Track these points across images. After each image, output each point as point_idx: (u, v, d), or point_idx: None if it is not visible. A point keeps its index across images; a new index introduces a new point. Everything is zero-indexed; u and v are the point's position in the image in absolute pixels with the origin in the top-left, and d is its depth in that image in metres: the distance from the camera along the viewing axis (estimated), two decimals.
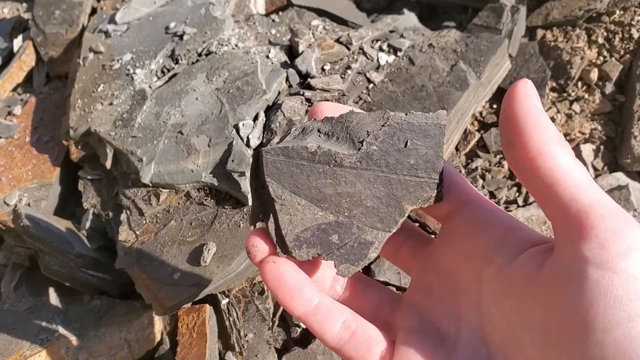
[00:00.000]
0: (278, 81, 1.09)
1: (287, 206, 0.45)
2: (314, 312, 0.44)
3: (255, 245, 0.46)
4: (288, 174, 0.45)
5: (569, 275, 0.34)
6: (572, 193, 0.36)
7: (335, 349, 0.45)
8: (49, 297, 1.08)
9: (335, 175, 0.44)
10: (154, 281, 0.96)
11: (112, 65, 1.25)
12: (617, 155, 1.14)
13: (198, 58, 1.19)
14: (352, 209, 0.44)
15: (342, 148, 0.44)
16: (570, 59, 1.20)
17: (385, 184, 0.44)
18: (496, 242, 0.42)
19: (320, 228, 0.45)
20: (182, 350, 0.99)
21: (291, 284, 0.44)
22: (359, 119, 0.45)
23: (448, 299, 0.45)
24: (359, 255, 0.45)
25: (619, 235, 0.34)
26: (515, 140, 0.39)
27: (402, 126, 0.43)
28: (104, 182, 1.17)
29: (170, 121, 1.08)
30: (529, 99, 0.39)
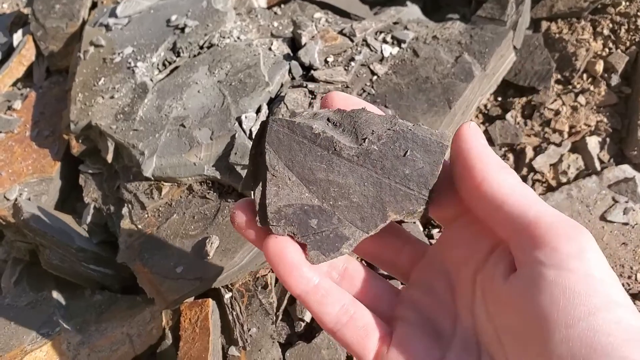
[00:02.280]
0: (281, 73, 1.08)
1: (277, 178, 0.45)
2: (314, 292, 0.45)
3: (237, 212, 0.47)
4: (287, 147, 0.45)
5: (528, 280, 0.36)
6: (519, 209, 0.39)
7: (332, 332, 0.45)
8: (50, 291, 1.06)
9: (331, 162, 0.44)
10: (156, 275, 0.95)
11: (113, 59, 1.24)
12: (624, 148, 1.13)
13: (200, 51, 1.18)
14: (338, 199, 0.45)
15: (345, 139, 0.45)
16: (575, 51, 1.19)
17: (376, 186, 0.44)
18: (489, 250, 0.44)
19: (302, 208, 0.45)
20: (185, 345, 0.98)
21: (292, 261, 0.44)
22: (368, 118, 0.45)
23: (446, 298, 0.47)
24: (332, 247, 0.45)
25: (569, 238, 0.36)
26: (462, 171, 0.43)
27: (406, 135, 0.44)
28: (105, 176, 1.16)
29: (172, 114, 1.07)
30: (473, 137, 0.43)
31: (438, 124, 1.01)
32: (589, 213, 1.08)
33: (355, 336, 0.45)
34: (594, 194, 1.09)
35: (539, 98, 1.18)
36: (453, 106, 1.02)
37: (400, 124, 0.44)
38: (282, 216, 0.45)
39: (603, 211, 1.07)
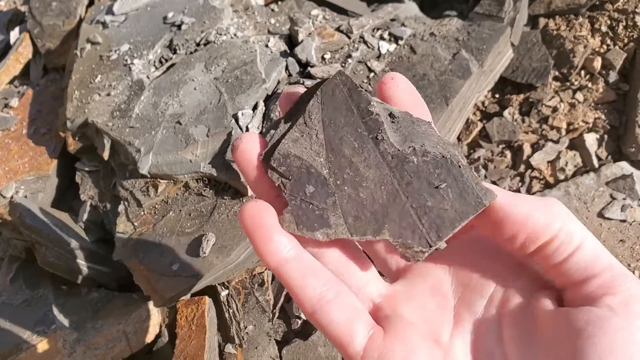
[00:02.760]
0: (277, 70, 1.07)
1: (307, 127, 0.41)
2: (296, 261, 0.39)
3: (244, 138, 0.42)
4: (334, 106, 0.41)
5: (590, 320, 0.35)
6: (595, 256, 0.37)
7: (313, 310, 0.39)
8: (46, 289, 1.06)
9: (364, 146, 0.40)
10: (152, 272, 0.94)
11: (109, 56, 1.24)
12: (621, 145, 1.13)
13: (196, 48, 1.18)
14: (346, 184, 0.40)
15: (392, 135, 0.41)
16: (573, 48, 1.19)
17: (390, 196, 0.40)
18: (513, 269, 0.42)
19: (308, 170, 0.40)
20: (181, 342, 0.98)
21: (270, 228, 0.39)
22: (428, 132, 0.41)
23: (445, 305, 0.43)
24: (310, 224, 0.40)
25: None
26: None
27: (452, 169, 0.39)
28: (101, 173, 1.16)
29: (169, 111, 1.07)
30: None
31: (435, 120, 1.01)
32: (586, 210, 1.07)
33: (344, 315, 0.38)
34: (591, 191, 1.09)
35: (536, 95, 1.18)
36: (450, 103, 1.02)
37: (454, 156, 0.39)
38: (286, 164, 0.41)
39: (601, 208, 1.07)
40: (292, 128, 0.41)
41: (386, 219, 0.39)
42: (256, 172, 0.42)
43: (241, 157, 0.42)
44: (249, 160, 0.42)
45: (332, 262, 0.42)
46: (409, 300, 0.43)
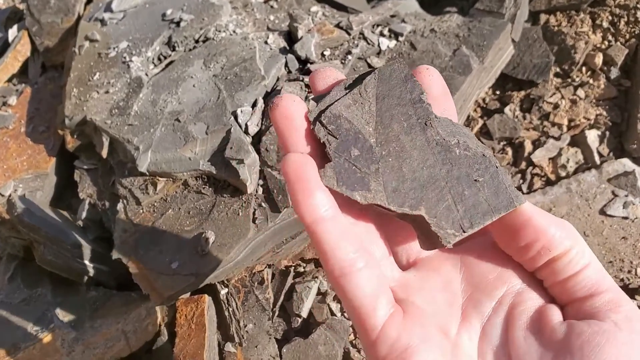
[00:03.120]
0: (277, 67, 1.07)
1: (361, 97, 0.42)
2: (330, 222, 0.38)
3: (286, 96, 0.42)
4: (390, 86, 0.42)
5: (602, 335, 0.37)
6: (601, 276, 0.40)
7: (340, 276, 0.37)
8: (45, 288, 1.06)
9: (413, 128, 0.41)
10: (151, 271, 0.94)
11: (108, 54, 1.23)
12: (623, 141, 1.12)
13: (195, 45, 1.17)
14: (392, 155, 0.41)
15: (439, 127, 0.42)
16: (574, 44, 1.18)
17: (431, 178, 0.41)
18: (524, 278, 0.43)
19: (357, 134, 0.41)
20: (181, 341, 0.97)
21: (313, 182, 0.38)
22: (468, 134, 0.42)
23: (454, 302, 0.43)
24: (350, 183, 0.40)
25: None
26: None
27: (490, 167, 0.41)
28: (100, 171, 1.15)
29: (167, 109, 1.06)
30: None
31: None
32: (588, 207, 1.07)
33: (371, 285, 0.38)
34: (593, 187, 1.08)
35: (537, 91, 1.17)
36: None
37: (492, 157, 0.41)
38: (336, 123, 0.41)
39: (602, 205, 1.06)
40: (345, 95, 0.42)
41: (424, 197, 0.40)
42: (296, 131, 0.41)
43: (281, 114, 0.41)
44: (289, 117, 0.41)
45: (360, 234, 0.42)
46: (420, 290, 0.42)
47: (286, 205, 0.94)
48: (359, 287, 0.37)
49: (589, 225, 1.05)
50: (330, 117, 0.41)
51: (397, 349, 0.37)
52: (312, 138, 0.42)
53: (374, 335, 0.38)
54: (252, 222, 0.94)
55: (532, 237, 0.39)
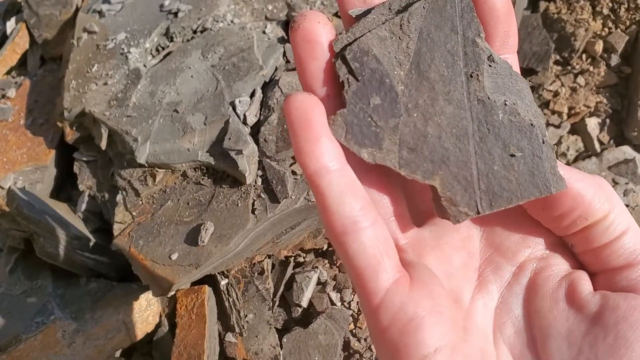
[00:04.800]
0: (275, 57, 1.06)
1: (400, 29, 0.35)
2: (336, 175, 0.33)
3: (310, 14, 0.35)
4: (439, 20, 0.35)
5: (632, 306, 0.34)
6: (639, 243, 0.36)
7: (342, 233, 0.33)
8: (45, 280, 1.06)
9: (454, 77, 0.35)
10: (151, 262, 0.94)
11: (106, 45, 1.23)
12: (624, 129, 1.12)
13: (193, 35, 1.16)
14: (417, 110, 0.35)
15: (488, 81, 0.35)
16: (574, 31, 1.17)
17: (459, 142, 0.35)
18: (550, 242, 0.39)
19: (382, 78, 0.34)
20: (181, 332, 0.98)
21: (320, 127, 0.33)
22: (524, 91, 0.37)
23: (470, 264, 0.39)
24: (361, 139, 0.34)
25: None
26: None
27: (533, 143, 0.35)
28: (99, 163, 1.15)
29: (165, 100, 1.06)
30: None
31: None
32: None
33: (376, 246, 0.33)
34: None
35: (537, 79, 1.17)
36: None
37: (541, 128, 0.35)
38: (361, 61, 0.34)
39: None
40: (383, 24, 0.35)
41: (443, 165, 0.35)
42: (316, 61, 0.35)
43: (301, 37, 0.35)
44: (311, 41, 0.35)
45: (366, 187, 0.37)
46: (434, 249, 0.38)
47: (285, 196, 0.94)
48: (362, 247, 0.33)
49: None
50: (356, 52, 0.34)
51: (400, 320, 0.33)
52: (334, 73, 0.35)
53: (375, 301, 0.33)
54: (252, 213, 0.94)
55: (568, 206, 0.35)
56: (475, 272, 0.39)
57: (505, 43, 0.38)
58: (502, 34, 0.37)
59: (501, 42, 0.37)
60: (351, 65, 0.34)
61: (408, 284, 0.34)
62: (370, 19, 0.35)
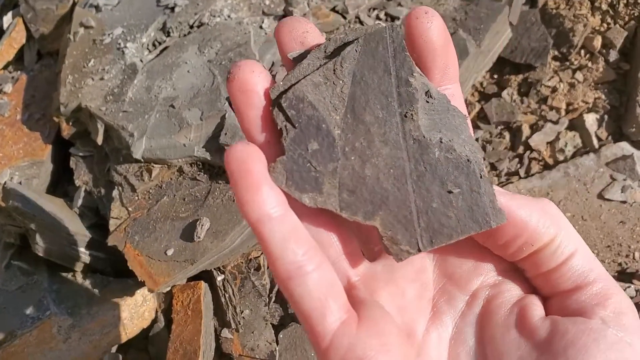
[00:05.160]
0: (272, 52, 1.06)
1: (334, 75, 0.35)
2: (278, 222, 0.33)
3: (246, 64, 0.35)
4: (371, 62, 0.35)
5: (588, 335, 0.34)
6: (588, 264, 0.36)
7: (287, 279, 0.33)
8: (41, 275, 1.06)
9: (389, 118, 0.35)
10: (146, 258, 0.94)
11: (102, 40, 1.22)
12: (622, 125, 1.11)
13: (190, 30, 1.16)
14: (354, 153, 0.35)
15: (424, 118, 0.35)
16: (573, 27, 1.17)
17: (397, 182, 0.35)
18: (502, 269, 0.39)
19: (319, 124, 0.35)
20: (177, 327, 0.97)
21: (260, 176, 0.33)
22: (460, 126, 0.37)
23: (424, 295, 0.39)
24: (302, 184, 0.35)
25: (630, 311, 0.35)
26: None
27: (471, 179, 0.35)
28: (95, 158, 1.15)
29: (162, 95, 1.06)
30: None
31: None
32: (586, 191, 1.06)
33: (321, 289, 0.33)
34: (591, 172, 1.08)
35: (535, 75, 1.16)
36: None
37: (479, 164, 0.35)
38: (297, 108, 0.35)
39: (601, 189, 1.06)
40: (317, 70, 0.35)
41: (383, 206, 0.35)
42: (253, 110, 0.35)
43: (237, 87, 0.35)
44: (247, 91, 0.35)
45: (313, 228, 0.37)
46: (388, 283, 0.39)
47: None
48: (307, 291, 0.33)
49: (587, 209, 1.05)
50: (292, 99, 0.35)
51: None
52: (273, 120, 0.36)
53: (324, 344, 0.34)
54: None
55: (513, 234, 0.36)
56: (429, 303, 0.39)
57: (445, 75, 0.38)
58: (440, 67, 0.37)
59: (440, 74, 0.38)
60: (288, 113, 0.35)
61: (356, 324, 0.34)
62: (305, 64, 0.36)
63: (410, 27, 0.36)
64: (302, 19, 0.37)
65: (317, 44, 0.37)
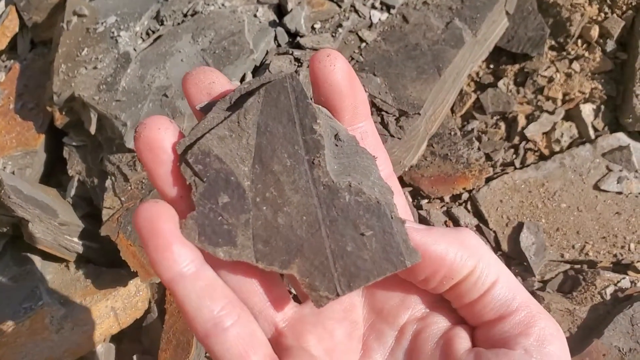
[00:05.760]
0: (266, 40, 1.05)
1: (238, 126, 0.35)
2: (194, 278, 0.33)
3: (150, 122, 0.35)
4: (274, 112, 0.35)
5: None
6: (510, 293, 0.36)
7: (205, 337, 0.33)
8: (34, 265, 1.05)
9: (297, 166, 0.35)
10: (139, 248, 0.93)
11: (96, 29, 1.21)
12: (619, 115, 1.11)
13: (183, 19, 1.15)
14: (265, 203, 0.35)
15: (331, 162, 0.36)
16: (570, 16, 1.16)
17: (310, 229, 0.35)
18: (428, 301, 0.39)
19: (227, 177, 0.35)
20: (171, 318, 0.97)
21: (169, 234, 0.33)
22: (369, 168, 0.37)
23: (354, 334, 0.39)
24: (215, 239, 0.35)
25: (555, 338, 0.35)
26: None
27: (382, 220, 0.35)
28: (89, 148, 1.14)
29: (155, 84, 1.05)
30: None
31: (427, 91, 0.98)
32: (582, 182, 1.06)
33: (240, 345, 0.33)
34: (587, 162, 1.07)
35: (532, 65, 1.16)
36: (443, 73, 1.00)
37: (389, 204, 0.35)
38: (204, 163, 0.35)
39: (596, 180, 1.05)
40: (221, 123, 0.36)
41: (299, 253, 0.35)
42: (162, 166, 0.35)
43: (144, 145, 0.35)
44: (153, 149, 0.35)
45: (235, 277, 0.37)
46: (315, 326, 0.38)
47: None
48: (226, 347, 0.33)
49: (583, 200, 1.04)
50: (197, 154, 0.35)
51: None
52: (182, 175, 0.35)
53: None
54: None
55: (431, 269, 0.35)
56: (359, 341, 0.39)
57: (355, 114, 0.38)
58: (349, 108, 0.37)
59: (350, 114, 0.38)
60: (195, 168, 0.35)
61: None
62: (210, 117, 0.36)
63: (314, 71, 0.37)
64: (209, 70, 0.37)
65: (224, 92, 0.37)
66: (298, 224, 0.35)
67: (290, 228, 0.35)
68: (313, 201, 0.35)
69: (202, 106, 0.37)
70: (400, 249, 0.35)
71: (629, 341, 0.89)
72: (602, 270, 0.97)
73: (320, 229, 0.35)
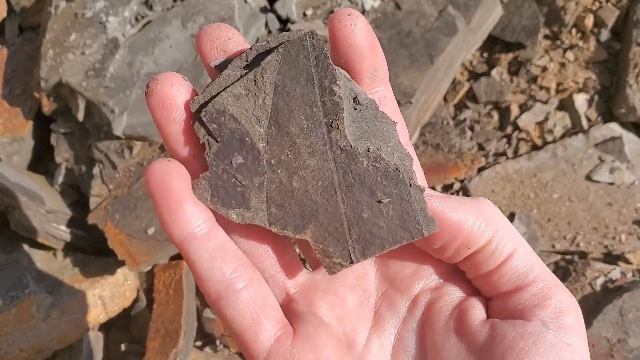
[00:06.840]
0: (256, 27, 1.04)
1: (255, 85, 0.34)
2: (203, 241, 0.32)
3: (165, 78, 0.34)
4: (293, 72, 0.34)
5: (527, 338, 0.33)
6: (527, 264, 0.35)
7: (217, 300, 0.33)
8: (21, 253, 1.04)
9: (315, 129, 0.34)
10: (127, 236, 0.93)
11: (84, 14, 1.19)
12: (612, 105, 1.10)
13: (173, 4, 1.13)
14: (281, 166, 0.34)
15: (351, 127, 0.35)
16: (564, 5, 1.15)
17: (326, 194, 0.34)
18: (443, 272, 0.39)
19: (242, 137, 0.34)
20: (159, 307, 0.96)
21: (181, 194, 0.32)
22: (389, 133, 0.36)
23: (366, 302, 0.39)
24: (228, 200, 0.34)
25: (572, 310, 0.35)
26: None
27: (400, 188, 0.34)
28: (77, 135, 1.13)
29: (144, 70, 1.03)
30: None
31: (420, 80, 0.97)
32: (574, 172, 1.05)
33: (252, 307, 0.33)
34: (579, 153, 1.06)
35: (525, 54, 1.14)
36: (435, 61, 0.99)
37: (408, 171, 0.34)
38: (219, 122, 0.34)
39: (589, 171, 1.05)
40: (237, 81, 0.34)
41: (313, 218, 0.35)
42: (174, 125, 0.34)
43: (157, 102, 0.34)
44: (166, 105, 0.34)
45: (247, 241, 0.37)
46: (327, 293, 0.38)
47: None
48: (238, 310, 0.33)
49: (574, 190, 1.04)
50: (212, 113, 0.34)
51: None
52: (195, 134, 0.35)
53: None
54: None
55: (448, 237, 0.35)
56: (371, 310, 0.39)
57: (374, 77, 0.37)
58: (369, 69, 0.36)
59: (369, 77, 0.37)
60: (209, 127, 0.34)
61: (291, 339, 0.34)
62: (225, 75, 0.34)
63: (333, 31, 0.35)
64: (224, 26, 0.36)
65: (239, 50, 0.35)
66: (313, 188, 0.35)
67: (305, 192, 0.35)
68: (329, 165, 0.34)
69: (217, 64, 0.35)
70: (418, 217, 0.34)
71: (617, 332, 0.89)
72: (592, 261, 0.97)
73: (336, 195, 0.35)
